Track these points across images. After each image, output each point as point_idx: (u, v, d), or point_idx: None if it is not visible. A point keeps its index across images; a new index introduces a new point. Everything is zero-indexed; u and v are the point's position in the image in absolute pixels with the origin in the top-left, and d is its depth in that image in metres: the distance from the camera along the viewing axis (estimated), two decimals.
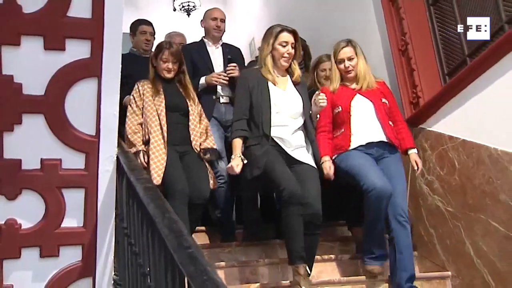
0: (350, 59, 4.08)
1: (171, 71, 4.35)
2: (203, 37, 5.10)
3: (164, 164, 3.98)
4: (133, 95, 4.27)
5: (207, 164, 4.24)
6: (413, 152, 4.05)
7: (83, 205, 3.36)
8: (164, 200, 2.80)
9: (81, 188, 3.33)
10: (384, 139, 3.94)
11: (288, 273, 3.96)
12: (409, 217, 3.82)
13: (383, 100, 4.06)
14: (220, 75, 4.71)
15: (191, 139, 4.24)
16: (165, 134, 4.09)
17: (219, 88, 4.78)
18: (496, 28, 3.94)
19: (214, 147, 4.34)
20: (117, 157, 3.32)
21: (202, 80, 4.75)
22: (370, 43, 4.85)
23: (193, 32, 5.78)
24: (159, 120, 4.13)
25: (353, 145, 3.94)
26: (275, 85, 3.91)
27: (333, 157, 3.99)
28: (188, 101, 4.33)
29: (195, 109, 4.36)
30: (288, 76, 4.06)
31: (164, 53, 4.31)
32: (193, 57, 4.85)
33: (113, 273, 3.46)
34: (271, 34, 3.93)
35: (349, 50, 4.09)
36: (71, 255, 3.46)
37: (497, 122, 3.71)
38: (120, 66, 3.13)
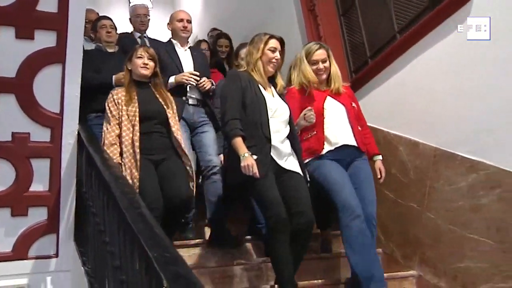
0: (324, 61, 3.38)
1: (147, 68, 3.46)
2: (171, 38, 4.26)
3: (138, 177, 3.17)
4: (108, 105, 3.36)
5: (188, 169, 3.40)
6: (378, 159, 3.44)
7: (49, 173, 3.32)
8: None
9: (47, 158, 3.29)
10: (354, 143, 3.28)
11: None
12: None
13: (353, 104, 3.43)
14: (191, 74, 3.88)
15: (179, 146, 3.41)
16: (136, 144, 3.23)
17: (188, 89, 3.96)
18: (390, 37, 4.02)
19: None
20: (78, 132, 3.26)
21: (172, 79, 3.89)
22: (292, 44, 4.81)
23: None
24: (132, 130, 3.28)
25: (326, 149, 3.25)
26: (264, 89, 3.15)
27: (305, 162, 3.25)
28: (166, 108, 3.45)
29: (174, 115, 3.50)
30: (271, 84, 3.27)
31: (138, 50, 3.50)
32: (161, 56, 3.92)
33: (73, 230, 3.41)
34: (260, 39, 3.18)
35: (323, 52, 3.40)
36: (38, 215, 3.42)
37: (390, 111, 3.81)
38: (82, 54, 3.08)
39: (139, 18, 5.09)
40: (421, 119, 3.50)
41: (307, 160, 3.25)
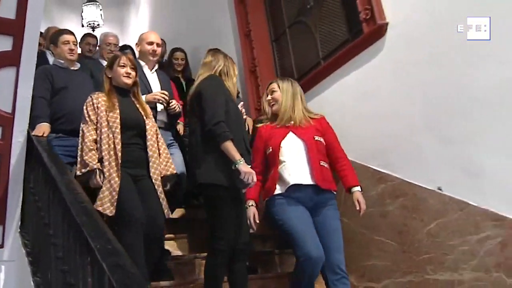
0: (272, 92, 3.05)
1: (130, 77, 2.96)
2: (138, 59, 3.69)
3: (117, 189, 2.65)
4: (86, 109, 2.84)
5: (161, 191, 2.84)
6: (356, 191, 2.87)
7: None
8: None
9: None
10: (311, 182, 2.78)
11: None
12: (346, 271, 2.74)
13: (317, 138, 2.91)
14: (163, 93, 3.39)
15: (150, 165, 2.83)
16: (119, 154, 2.72)
17: (158, 109, 3.44)
18: (315, 62, 4.10)
19: (174, 172, 2.98)
20: (28, 131, 3.09)
21: (142, 98, 3.28)
22: None
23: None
24: (113, 138, 2.76)
25: (278, 189, 2.81)
26: None
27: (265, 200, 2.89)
28: (145, 119, 2.93)
29: (152, 128, 2.95)
30: None
31: (121, 58, 2.97)
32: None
33: (19, 223, 3.22)
34: (233, 63, 2.96)
35: (274, 85, 3.08)
36: None
37: None
38: (36, 58, 2.94)
39: (109, 47, 4.57)
40: (341, 136, 3.55)
41: (267, 198, 2.86)
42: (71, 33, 3.72)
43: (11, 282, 3.20)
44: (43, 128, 3.15)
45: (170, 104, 3.44)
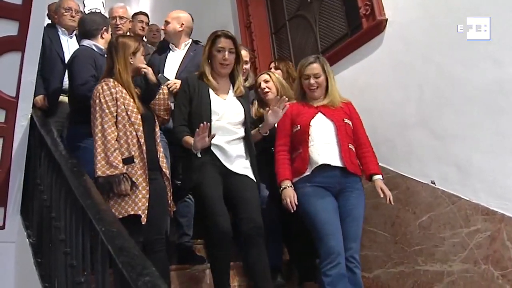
0: (316, 76, 2.79)
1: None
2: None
3: (148, 196, 2.36)
4: (104, 98, 2.42)
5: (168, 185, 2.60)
6: (378, 179, 2.70)
7: (1, 151, 3.09)
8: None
9: (0, 137, 3.06)
10: (339, 164, 2.64)
11: None
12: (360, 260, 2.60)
13: (346, 120, 2.76)
14: (175, 83, 3.13)
15: (159, 160, 2.57)
16: (145, 155, 2.40)
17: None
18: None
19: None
20: (31, 116, 3.08)
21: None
22: None
23: None
24: (137, 136, 2.42)
25: (309, 169, 2.65)
26: (215, 92, 2.70)
27: (294, 181, 2.70)
28: (150, 110, 2.67)
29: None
30: (231, 85, 2.80)
31: (143, 48, 2.69)
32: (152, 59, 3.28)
33: (20, 204, 3.22)
34: (208, 39, 2.75)
35: (317, 67, 2.80)
36: None
37: None
38: (41, 44, 2.95)
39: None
40: None
41: (295, 180, 2.69)
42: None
43: (10, 263, 3.21)
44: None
45: (168, 86, 3.09)
